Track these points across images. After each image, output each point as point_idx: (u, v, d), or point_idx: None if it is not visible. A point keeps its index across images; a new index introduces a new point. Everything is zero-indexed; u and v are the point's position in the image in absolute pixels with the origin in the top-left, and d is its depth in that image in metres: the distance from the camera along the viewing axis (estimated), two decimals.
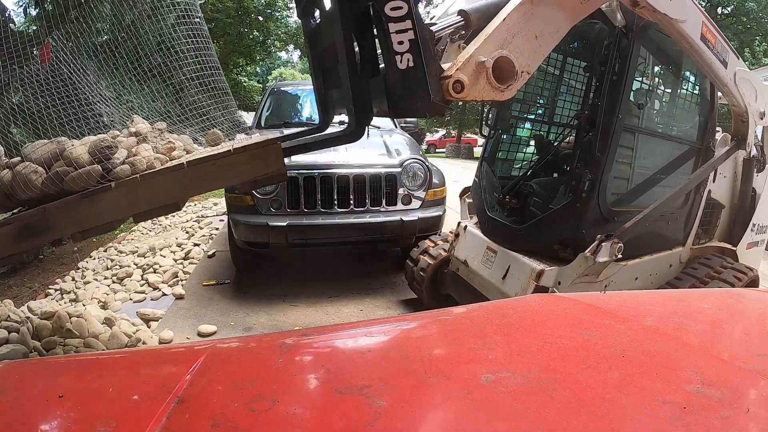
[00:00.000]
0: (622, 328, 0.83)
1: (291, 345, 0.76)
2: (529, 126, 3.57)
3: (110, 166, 1.83)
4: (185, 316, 3.69)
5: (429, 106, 1.66)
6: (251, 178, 1.81)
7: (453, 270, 3.38)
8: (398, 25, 1.60)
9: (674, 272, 2.95)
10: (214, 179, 1.79)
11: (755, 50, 17.94)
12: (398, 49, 1.60)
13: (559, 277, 2.57)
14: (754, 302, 1.12)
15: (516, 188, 3.01)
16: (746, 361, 0.71)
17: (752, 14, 19.22)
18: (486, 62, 1.69)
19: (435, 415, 0.55)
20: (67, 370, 0.71)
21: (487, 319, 0.88)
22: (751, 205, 3.20)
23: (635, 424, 0.54)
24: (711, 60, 2.45)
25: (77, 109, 2.32)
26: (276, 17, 16.91)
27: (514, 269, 2.79)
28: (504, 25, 1.74)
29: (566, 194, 2.63)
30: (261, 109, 5.68)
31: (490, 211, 3.15)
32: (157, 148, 2.09)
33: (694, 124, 2.99)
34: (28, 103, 2.33)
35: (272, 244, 3.85)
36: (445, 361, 0.73)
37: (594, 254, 2.36)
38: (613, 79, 2.43)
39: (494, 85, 1.73)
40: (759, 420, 0.55)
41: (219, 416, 0.52)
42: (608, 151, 2.49)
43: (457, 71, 1.68)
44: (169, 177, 1.76)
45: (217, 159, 1.75)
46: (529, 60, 1.81)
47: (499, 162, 3.42)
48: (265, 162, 1.75)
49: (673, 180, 2.83)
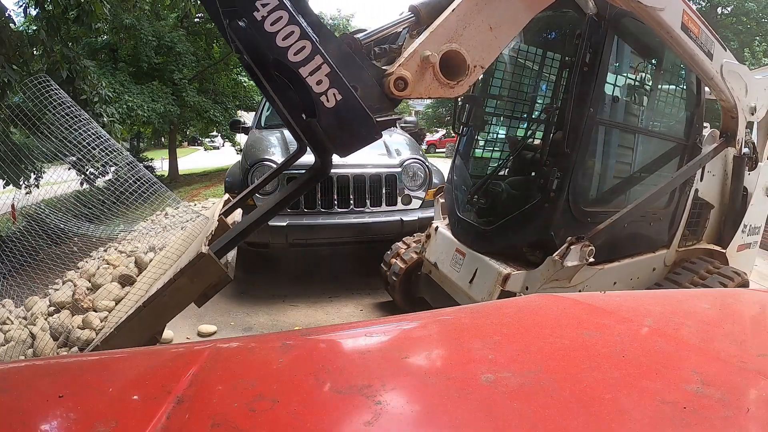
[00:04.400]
0: (622, 328, 0.83)
1: (291, 345, 0.76)
2: (503, 123, 3.38)
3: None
4: (185, 316, 3.69)
5: (374, 129, 1.56)
6: (200, 293, 1.83)
7: (426, 273, 3.24)
8: (308, 66, 1.48)
9: (658, 276, 2.79)
10: (171, 308, 1.84)
11: (755, 50, 17.94)
12: (319, 90, 1.49)
13: (527, 281, 2.42)
14: (753, 302, 1.12)
15: (484, 187, 2.86)
16: (746, 361, 0.71)
17: (752, 14, 19.22)
18: (431, 57, 1.58)
19: (435, 415, 0.55)
20: (67, 370, 0.71)
21: (487, 319, 0.88)
22: (742, 205, 3.01)
23: (635, 424, 0.54)
24: (694, 51, 2.28)
25: None
26: None
27: (482, 272, 2.64)
28: (453, 17, 1.63)
29: (534, 194, 2.47)
30: (261, 109, 5.69)
31: (460, 211, 3.00)
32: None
33: (680, 120, 2.84)
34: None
35: (272, 244, 3.85)
36: (445, 361, 0.73)
37: (562, 258, 2.21)
38: (584, 71, 2.28)
39: (442, 81, 1.63)
40: (759, 420, 0.55)
41: (219, 416, 0.52)
42: (578, 148, 2.33)
43: (399, 67, 1.59)
44: (136, 323, 1.84)
45: (166, 289, 1.81)
46: (483, 53, 1.69)
47: (472, 160, 3.25)
48: (205, 275, 1.77)
49: (656, 179, 2.67)
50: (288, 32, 1.45)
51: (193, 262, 1.77)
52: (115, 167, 2.92)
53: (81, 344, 2.74)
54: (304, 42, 1.46)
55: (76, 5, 5.81)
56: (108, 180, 3.63)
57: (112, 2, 7.28)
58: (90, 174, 3.95)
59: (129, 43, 13.09)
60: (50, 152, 3.30)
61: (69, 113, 2.96)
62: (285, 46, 1.46)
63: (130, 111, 11.89)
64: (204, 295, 1.85)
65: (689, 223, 2.89)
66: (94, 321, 2.93)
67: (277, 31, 1.45)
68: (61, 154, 3.19)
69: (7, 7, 5.43)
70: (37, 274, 4.29)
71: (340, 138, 1.59)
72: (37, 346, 2.85)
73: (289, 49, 1.46)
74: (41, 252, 4.67)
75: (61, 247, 5.01)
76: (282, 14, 1.45)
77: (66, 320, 2.99)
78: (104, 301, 3.23)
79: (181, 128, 17.07)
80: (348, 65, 1.56)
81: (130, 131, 16.10)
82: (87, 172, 3.40)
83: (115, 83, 11.84)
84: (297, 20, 1.46)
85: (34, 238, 3.79)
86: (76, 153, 2.85)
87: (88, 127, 2.94)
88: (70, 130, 2.83)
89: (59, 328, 2.93)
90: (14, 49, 5.27)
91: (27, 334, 2.98)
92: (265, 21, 1.44)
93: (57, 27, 5.76)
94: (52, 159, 3.60)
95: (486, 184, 2.84)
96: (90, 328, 2.87)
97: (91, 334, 2.75)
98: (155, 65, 13.74)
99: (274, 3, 1.43)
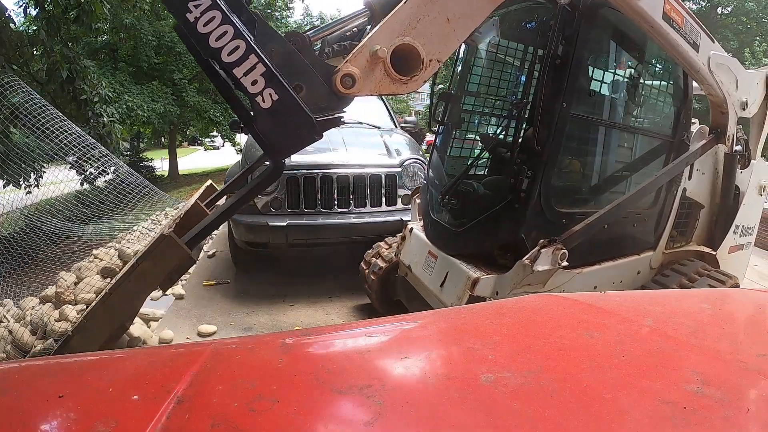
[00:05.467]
0: (622, 328, 0.83)
1: (291, 345, 0.76)
2: (480, 120, 3.20)
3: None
4: (185, 316, 3.69)
5: (313, 129, 1.52)
6: (164, 277, 1.82)
7: (402, 275, 3.14)
8: (243, 66, 1.44)
9: (644, 279, 2.64)
10: (138, 293, 1.85)
11: (755, 50, 17.93)
12: (254, 90, 1.45)
13: (497, 286, 2.30)
14: (753, 302, 1.12)
15: (455, 187, 2.72)
16: (746, 361, 0.71)
17: (752, 14, 19.21)
18: (379, 51, 1.51)
19: (435, 415, 0.55)
20: (67, 370, 0.71)
21: (487, 319, 0.88)
22: (734, 205, 2.85)
23: (635, 424, 0.54)
24: (677, 43, 2.14)
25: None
26: (276, 17, 16.91)
27: (452, 276, 2.52)
28: (405, 9, 1.55)
29: (505, 194, 2.34)
30: None
31: (433, 212, 2.88)
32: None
33: (665, 115, 2.70)
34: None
35: (272, 244, 3.85)
36: (445, 361, 0.73)
37: (532, 262, 2.09)
38: (556, 64, 2.15)
39: (394, 77, 1.57)
40: (759, 420, 0.55)
41: (219, 416, 0.52)
42: (550, 145, 2.20)
43: (346, 64, 1.53)
44: (104, 310, 1.85)
45: (130, 275, 1.80)
46: (439, 46, 1.61)
47: (448, 159, 3.09)
48: (168, 258, 1.76)
49: (639, 178, 2.55)
50: (221, 32, 1.42)
51: (154, 245, 1.77)
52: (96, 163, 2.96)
53: (56, 336, 2.78)
54: (237, 41, 1.43)
55: (76, 5, 5.82)
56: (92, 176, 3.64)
57: (112, 2, 7.28)
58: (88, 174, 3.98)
59: (129, 43, 13.10)
60: (49, 152, 3.33)
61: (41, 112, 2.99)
62: (218, 47, 1.43)
63: (130, 111, 11.89)
64: (168, 278, 1.84)
65: (677, 224, 2.76)
66: (70, 314, 2.97)
67: (210, 31, 1.42)
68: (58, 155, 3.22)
69: (7, 7, 5.43)
70: (36, 274, 4.29)
71: (275, 139, 1.55)
72: (17, 339, 2.88)
73: (222, 49, 1.43)
74: (41, 253, 4.67)
75: (60, 247, 5.01)
76: (215, 14, 1.41)
77: (47, 313, 3.03)
78: (86, 294, 3.25)
79: (181, 128, 17.08)
80: (291, 63, 1.52)
81: (130, 131, 16.09)
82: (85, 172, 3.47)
83: (115, 83, 11.85)
84: (231, 20, 1.43)
85: (32, 238, 3.80)
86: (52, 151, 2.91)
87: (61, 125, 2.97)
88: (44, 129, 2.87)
89: (39, 321, 2.97)
90: (14, 49, 5.28)
91: (6, 330, 3.01)
92: (198, 22, 1.41)
93: (57, 27, 5.76)
94: (50, 159, 3.63)
95: (457, 184, 2.72)
96: (66, 320, 2.90)
97: (66, 326, 2.79)
98: (155, 65, 13.75)
99: (207, 3, 1.40)
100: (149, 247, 1.81)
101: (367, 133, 4.84)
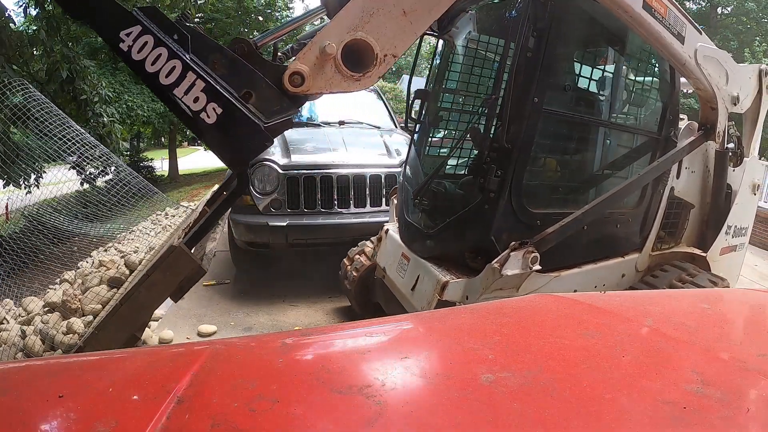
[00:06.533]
0: (622, 328, 0.83)
1: (291, 345, 0.76)
2: (457, 118, 3.06)
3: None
4: (185, 316, 3.69)
5: (263, 135, 1.49)
6: (175, 288, 1.81)
7: (379, 277, 3.05)
8: (182, 85, 1.42)
9: (628, 282, 2.53)
10: (148, 304, 1.84)
11: (755, 50, 17.93)
12: (197, 108, 1.43)
13: (467, 290, 2.21)
14: (754, 302, 1.12)
15: (426, 187, 2.61)
16: (746, 361, 0.71)
17: (752, 14, 19.21)
18: (328, 47, 1.46)
19: (435, 415, 0.55)
20: (67, 370, 0.71)
21: (487, 319, 0.88)
22: (726, 205, 2.71)
23: (635, 424, 0.54)
24: (660, 34, 2.02)
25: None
26: (276, 17, 16.93)
27: (423, 279, 2.43)
28: (358, 3, 1.50)
29: (476, 194, 2.24)
30: None
31: (407, 212, 2.78)
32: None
33: (651, 111, 2.57)
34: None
35: (272, 244, 3.85)
36: (445, 361, 0.73)
37: (501, 265, 2.01)
38: (527, 57, 2.05)
39: (345, 74, 1.51)
40: (759, 420, 0.55)
41: (219, 416, 0.52)
42: (521, 143, 2.10)
43: (295, 62, 1.49)
44: (114, 322, 1.86)
45: (141, 286, 1.81)
46: (395, 41, 1.54)
47: (426, 158, 2.97)
48: (178, 268, 1.75)
49: (623, 177, 2.44)
50: (156, 56, 1.41)
51: (164, 256, 1.77)
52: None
53: (65, 348, 2.80)
54: (173, 62, 1.41)
55: None
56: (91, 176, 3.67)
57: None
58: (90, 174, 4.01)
59: None
60: (50, 152, 3.34)
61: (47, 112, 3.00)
62: (155, 71, 1.41)
63: (130, 111, 11.90)
64: (180, 288, 1.83)
65: (665, 225, 2.63)
66: (78, 327, 2.99)
67: (145, 57, 1.41)
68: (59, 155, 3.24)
69: (7, 7, 5.44)
70: (35, 275, 4.29)
71: (227, 153, 1.54)
72: (27, 346, 2.90)
73: (159, 72, 1.41)
74: (41, 253, 4.68)
75: (59, 247, 5.01)
76: (147, 39, 1.41)
77: (55, 323, 3.05)
78: (92, 305, 3.26)
79: (181, 128, 17.07)
80: (237, 71, 1.49)
81: (130, 131, 16.11)
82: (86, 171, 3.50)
83: (115, 83, 11.86)
84: (164, 41, 1.42)
85: (31, 239, 3.80)
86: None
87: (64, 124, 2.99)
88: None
89: (49, 332, 2.99)
90: (14, 49, 5.28)
91: (18, 333, 3.03)
92: (132, 50, 1.40)
93: (57, 27, 5.76)
94: (50, 159, 3.66)
95: (428, 184, 2.61)
96: (74, 333, 2.93)
97: (74, 339, 2.81)
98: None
99: (138, 29, 1.40)
100: (159, 258, 1.81)
101: (367, 133, 4.85)
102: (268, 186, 3.82)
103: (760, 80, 2.64)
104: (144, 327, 2.20)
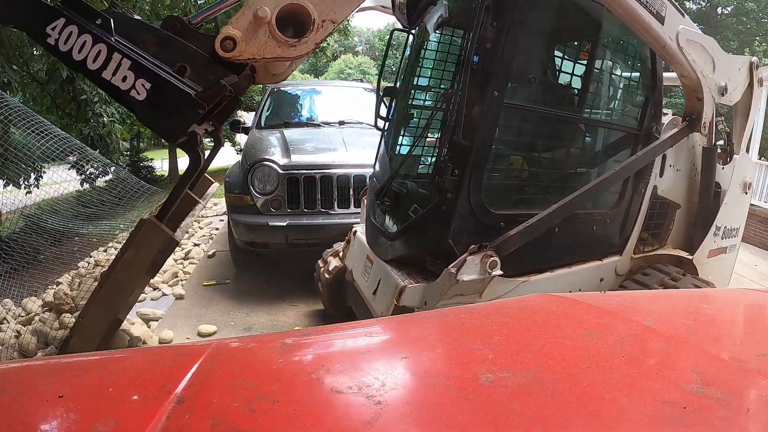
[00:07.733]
0: (622, 328, 0.83)
1: (291, 345, 0.76)
2: (419, 115, 2.87)
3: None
4: (185, 316, 3.69)
5: (194, 103, 1.46)
6: (151, 263, 1.82)
7: (349, 280, 2.96)
8: (110, 67, 1.43)
9: (608, 287, 2.38)
10: (128, 283, 1.84)
11: (755, 50, 17.94)
12: (126, 87, 1.44)
13: (425, 296, 2.09)
14: (754, 302, 1.12)
15: (387, 187, 2.48)
16: (746, 361, 0.71)
17: (752, 14, 19.21)
18: (260, 11, 1.44)
19: (435, 415, 0.55)
20: (67, 370, 0.71)
21: (487, 319, 0.88)
22: (714, 204, 2.55)
23: (635, 424, 0.54)
24: (636, 11, 1.85)
25: None
26: None
27: (384, 283, 2.32)
28: None
29: (434, 195, 2.11)
30: (261, 109, 5.69)
31: (372, 214, 2.66)
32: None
33: (631, 105, 2.42)
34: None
35: (272, 244, 3.85)
36: (445, 361, 0.73)
37: (458, 270, 1.89)
38: (486, 48, 1.91)
39: (280, 39, 1.48)
40: (759, 420, 0.55)
41: (219, 416, 0.52)
42: (480, 139, 1.97)
43: (227, 27, 1.47)
44: (96, 306, 1.85)
45: (116, 266, 1.81)
46: (334, 7, 1.50)
47: (395, 157, 2.81)
48: (150, 242, 1.75)
49: (597, 175, 2.28)
50: (81, 43, 1.43)
51: (135, 231, 1.78)
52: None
53: (57, 343, 2.82)
54: (99, 46, 1.43)
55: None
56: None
57: (113, 2, 7.26)
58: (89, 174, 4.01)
59: None
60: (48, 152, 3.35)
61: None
62: (82, 59, 1.43)
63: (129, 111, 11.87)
64: (154, 263, 1.84)
65: (648, 226, 2.47)
66: (69, 321, 3.01)
67: (72, 46, 1.42)
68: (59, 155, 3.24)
69: None
70: (36, 274, 4.29)
71: (162, 126, 1.55)
72: (21, 346, 2.92)
73: (86, 59, 1.43)
74: (40, 253, 4.68)
75: (59, 247, 5.01)
76: (72, 29, 1.42)
77: (48, 322, 3.07)
78: (84, 301, 3.28)
79: None
80: (168, 48, 1.50)
81: (130, 131, 16.08)
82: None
83: None
84: (87, 28, 1.43)
85: (31, 239, 3.80)
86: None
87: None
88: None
89: (42, 329, 3.01)
90: (14, 49, 5.28)
91: (14, 333, 3.05)
92: (58, 43, 1.42)
93: None
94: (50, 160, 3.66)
95: (390, 183, 2.48)
96: (66, 327, 2.94)
97: (65, 333, 2.83)
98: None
99: (62, 22, 1.41)
100: (131, 235, 1.81)
101: (367, 133, 4.84)
102: (268, 186, 3.83)
103: (751, 73, 2.52)
104: (128, 310, 2.18)
